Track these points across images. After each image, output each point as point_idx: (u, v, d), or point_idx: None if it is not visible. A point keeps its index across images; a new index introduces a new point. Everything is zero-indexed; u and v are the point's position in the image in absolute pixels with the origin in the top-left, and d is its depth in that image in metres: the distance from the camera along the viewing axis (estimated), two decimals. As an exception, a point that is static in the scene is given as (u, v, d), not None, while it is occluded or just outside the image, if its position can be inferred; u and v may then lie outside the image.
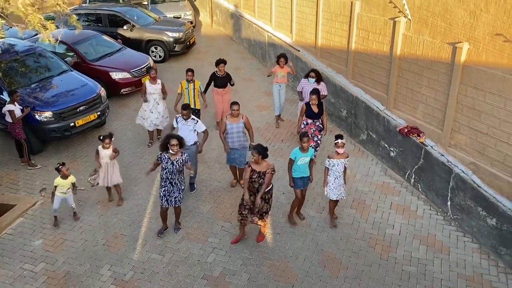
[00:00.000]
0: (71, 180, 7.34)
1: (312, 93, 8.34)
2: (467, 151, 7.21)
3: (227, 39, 17.39)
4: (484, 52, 6.58)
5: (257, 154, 6.35)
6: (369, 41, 9.14)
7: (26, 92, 9.42)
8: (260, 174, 6.44)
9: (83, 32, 12.65)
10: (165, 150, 6.72)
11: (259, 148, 6.39)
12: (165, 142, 6.70)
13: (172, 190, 6.86)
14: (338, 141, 6.87)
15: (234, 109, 7.66)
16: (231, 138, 7.83)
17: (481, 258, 6.70)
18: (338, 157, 6.94)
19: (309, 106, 8.40)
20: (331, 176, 7.01)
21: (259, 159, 6.38)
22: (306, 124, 8.56)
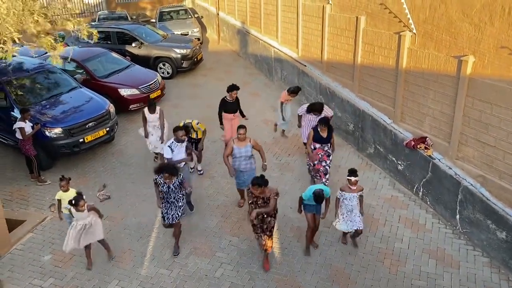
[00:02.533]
0: (74, 194, 6.95)
1: (322, 122, 8.06)
2: (475, 163, 7.18)
3: (234, 55, 17.58)
4: (490, 65, 6.60)
5: (258, 187, 6.20)
6: (375, 55, 9.20)
7: (36, 109, 9.57)
8: (265, 199, 6.39)
9: (93, 50, 12.94)
10: (159, 174, 6.75)
11: (258, 181, 6.20)
12: (158, 172, 6.74)
13: (169, 208, 6.87)
14: (351, 178, 6.61)
15: (241, 133, 7.51)
16: (239, 162, 7.65)
17: (491, 272, 6.62)
18: (351, 191, 6.70)
19: (317, 130, 8.15)
20: (342, 209, 6.77)
21: (263, 190, 6.27)
22: (314, 148, 8.27)
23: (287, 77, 13.13)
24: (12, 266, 7.01)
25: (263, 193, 6.31)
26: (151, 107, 9.26)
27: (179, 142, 7.70)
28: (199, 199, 8.52)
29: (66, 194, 7.00)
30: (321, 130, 8.11)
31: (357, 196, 6.71)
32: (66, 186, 6.98)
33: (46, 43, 8.67)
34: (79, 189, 7.33)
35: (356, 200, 6.70)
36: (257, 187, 6.21)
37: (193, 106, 12.52)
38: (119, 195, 8.68)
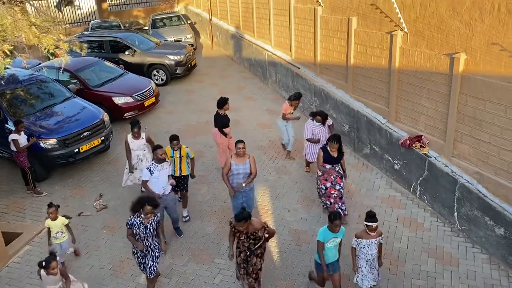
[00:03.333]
0: (62, 222, 6.77)
1: (333, 140, 7.27)
2: (470, 160, 7.18)
3: (228, 59, 17.60)
4: (482, 62, 6.61)
5: (244, 222, 5.55)
6: (367, 56, 9.21)
7: (30, 120, 9.53)
8: (248, 234, 5.67)
9: (86, 59, 12.91)
10: (136, 213, 5.92)
11: (244, 216, 5.53)
12: (138, 206, 5.88)
13: (145, 257, 6.09)
14: (373, 225, 5.63)
15: (240, 148, 6.87)
16: (237, 180, 7.03)
17: (491, 269, 6.60)
18: (369, 237, 5.73)
19: (326, 150, 7.37)
20: (361, 259, 5.79)
21: (248, 225, 5.61)
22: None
23: (281, 80, 13.14)
24: (10, 280, 6.96)
25: (247, 228, 5.65)
26: (134, 129, 8.09)
27: (159, 163, 6.89)
28: (197, 205, 8.49)
29: (54, 222, 6.73)
30: (331, 148, 7.30)
31: (376, 242, 5.75)
32: (54, 213, 6.68)
33: (50, 43, 8.62)
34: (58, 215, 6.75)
35: (375, 247, 5.75)
36: (243, 222, 5.54)
37: (188, 112, 12.51)
38: (116, 204, 8.64)
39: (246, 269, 5.97)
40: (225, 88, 14.31)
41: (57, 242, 6.80)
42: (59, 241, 6.82)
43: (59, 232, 6.80)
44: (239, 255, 5.92)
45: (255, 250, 5.81)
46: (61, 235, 6.83)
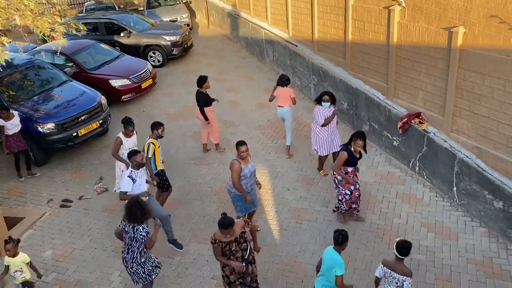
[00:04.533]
0: (23, 260, 5.81)
1: (358, 136, 6.61)
2: (469, 135, 7.17)
3: (225, 38, 17.41)
4: (480, 35, 6.53)
5: (228, 229, 5.13)
6: (365, 32, 9.10)
7: (27, 105, 9.50)
8: (238, 239, 5.33)
9: (81, 42, 12.78)
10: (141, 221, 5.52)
11: (226, 224, 5.10)
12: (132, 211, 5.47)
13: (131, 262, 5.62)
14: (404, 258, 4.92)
15: (243, 151, 6.35)
16: (250, 182, 6.56)
17: (490, 242, 6.67)
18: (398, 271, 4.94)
19: (351, 153, 6.68)
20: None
21: (233, 230, 5.22)
22: (346, 173, 6.84)
23: (279, 59, 13.03)
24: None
25: (234, 234, 5.27)
26: (130, 128, 7.58)
27: (138, 169, 6.45)
28: (197, 186, 8.52)
29: (13, 260, 5.78)
30: (356, 146, 6.60)
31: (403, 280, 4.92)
32: (13, 250, 5.72)
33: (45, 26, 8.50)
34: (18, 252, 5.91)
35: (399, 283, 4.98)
36: (230, 228, 5.12)
37: (186, 93, 12.43)
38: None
39: (244, 283, 5.59)
40: (222, 68, 14.21)
41: (15, 282, 5.91)
42: (17, 282, 5.90)
43: (17, 272, 5.82)
44: (232, 273, 5.48)
45: (248, 257, 5.47)
46: (20, 274, 5.85)
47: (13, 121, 8.64)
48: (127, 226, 5.52)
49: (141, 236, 5.45)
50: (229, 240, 5.25)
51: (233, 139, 9.77)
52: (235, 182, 6.38)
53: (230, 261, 5.32)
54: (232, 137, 9.95)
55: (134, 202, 5.57)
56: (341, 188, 6.92)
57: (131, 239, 5.49)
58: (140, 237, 5.45)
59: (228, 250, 5.29)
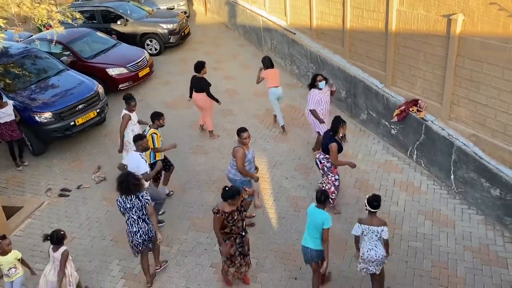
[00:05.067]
0: (15, 256, 5.75)
1: (344, 122, 6.92)
2: (467, 123, 7.17)
3: (222, 26, 17.28)
4: (479, 22, 6.49)
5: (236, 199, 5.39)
6: (364, 19, 9.04)
7: (24, 94, 9.45)
8: (239, 207, 5.53)
9: (78, 30, 12.67)
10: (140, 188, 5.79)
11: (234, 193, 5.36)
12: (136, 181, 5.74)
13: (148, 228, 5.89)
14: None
15: (246, 137, 6.45)
16: (252, 167, 6.74)
17: (486, 229, 6.71)
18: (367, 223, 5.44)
19: (338, 141, 6.90)
20: (363, 247, 5.50)
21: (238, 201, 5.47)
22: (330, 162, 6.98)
23: (277, 47, 12.95)
24: (13, 253, 7.05)
25: (236, 204, 5.48)
26: (132, 103, 7.82)
27: (143, 152, 6.66)
28: (195, 175, 8.53)
29: (6, 258, 5.70)
30: (344, 131, 6.98)
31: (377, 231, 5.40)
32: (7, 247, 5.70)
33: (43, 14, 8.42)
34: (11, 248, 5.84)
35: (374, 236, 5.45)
36: (238, 198, 5.38)
37: (183, 82, 12.31)
38: (114, 175, 8.55)
39: (243, 253, 5.77)
40: (220, 56, 14.13)
41: (9, 280, 5.77)
42: (12, 279, 5.78)
43: (12, 269, 5.74)
44: (235, 241, 5.65)
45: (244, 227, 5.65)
46: (15, 271, 5.78)
47: (5, 110, 8.58)
48: (129, 201, 5.72)
49: (146, 200, 5.74)
50: (232, 210, 5.42)
51: (231, 128, 9.77)
52: (241, 168, 6.45)
53: (222, 242, 5.55)
54: (230, 126, 9.93)
55: (128, 174, 5.83)
56: (330, 174, 7.04)
57: (140, 208, 5.74)
58: (145, 202, 5.74)
59: (231, 219, 5.44)
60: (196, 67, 9.21)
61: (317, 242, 5.48)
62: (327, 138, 6.97)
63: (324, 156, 7.01)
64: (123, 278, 6.45)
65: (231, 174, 6.71)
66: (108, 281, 6.42)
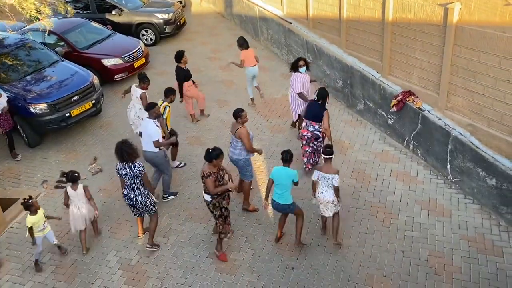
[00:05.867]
0: (42, 212, 6.37)
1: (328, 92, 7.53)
2: (464, 113, 7.17)
3: (218, 16, 17.15)
4: (476, 11, 6.45)
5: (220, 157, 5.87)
6: (360, 8, 8.98)
7: (19, 86, 9.36)
8: (220, 166, 6.07)
9: (72, 20, 12.55)
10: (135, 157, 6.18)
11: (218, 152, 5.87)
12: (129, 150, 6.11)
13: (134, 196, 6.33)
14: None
15: (245, 115, 6.78)
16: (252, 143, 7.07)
17: (482, 219, 6.74)
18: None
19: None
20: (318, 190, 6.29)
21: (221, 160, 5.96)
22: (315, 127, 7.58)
23: (273, 37, 12.87)
24: (10, 245, 7.05)
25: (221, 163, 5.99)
26: (146, 81, 8.51)
27: (155, 119, 7.12)
28: (192, 166, 8.52)
29: (37, 216, 6.25)
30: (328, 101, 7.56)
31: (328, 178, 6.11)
32: (36, 203, 6.26)
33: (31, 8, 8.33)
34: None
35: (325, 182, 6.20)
36: (222, 155, 5.89)
37: (179, 73, 12.30)
38: (111, 167, 8.61)
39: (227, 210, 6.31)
40: (216, 46, 14.04)
41: (43, 234, 6.39)
42: (45, 233, 6.41)
43: (45, 222, 6.38)
44: (228, 198, 6.23)
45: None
46: (47, 224, 6.41)
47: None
48: (123, 168, 6.17)
49: (139, 171, 6.15)
50: (217, 169, 5.93)
51: (228, 119, 9.73)
52: (250, 146, 6.81)
53: (224, 186, 6.00)
54: (227, 117, 9.89)
55: (123, 142, 6.19)
56: (321, 139, 7.63)
57: (132, 178, 6.19)
58: (138, 173, 6.14)
59: (221, 177, 5.97)
60: (175, 57, 9.34)
61: (287, 197, 6.13)
62: (318, 106, 7.45)
63: (318, 125, 7.48)
64: (120, 269, 6.46)
65: (235, 155, 6.94)
66: (106, 272, 6.43)
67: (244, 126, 6.79)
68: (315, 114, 7.41)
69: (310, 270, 6.19)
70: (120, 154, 6.13)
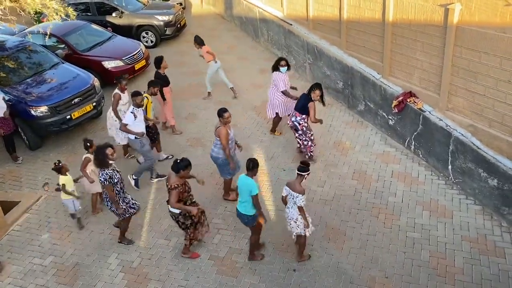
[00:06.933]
0: (70, 177, 7.09)
1: (317, 88, 7.61)
2: (465, 113, 7.16)
3: (218, 18, 17.16)
4: (477, 12, 6.45)
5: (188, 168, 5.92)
6: (360, 9, 8.98)
7: (20, 88, 9.37)
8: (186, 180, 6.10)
9: (72, 23, 12.54)
10: (105, 166, 6.22)
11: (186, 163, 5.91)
12: (101, 156, 6.21)
13: (126, 196, 6.55)
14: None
15: (227, 116, 6.82)
16: (232, 145, 7.14)
17: (484, 219, 6.73)
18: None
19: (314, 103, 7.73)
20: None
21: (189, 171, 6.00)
22: (306, 121, 7.84)
23: (274, 38, 12.88)
24: (11, 247, 7.05)
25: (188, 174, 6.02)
26: (122, 81, 8.47)
27: (138, 107, 7.52)
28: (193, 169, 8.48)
29: (68, 177, 7.02)
30: (315, 97, 7.62)
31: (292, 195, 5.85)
32: (66, 166, 7.05)
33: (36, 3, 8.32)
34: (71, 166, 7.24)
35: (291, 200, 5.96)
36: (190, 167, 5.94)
37: (180, 74, 12.32)
38: (112, 169, 8.64)
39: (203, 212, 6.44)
40: (216, 48, 13.91)
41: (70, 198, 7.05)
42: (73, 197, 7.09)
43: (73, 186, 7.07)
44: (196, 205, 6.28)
45: None
46: (75, 189, 7.13)
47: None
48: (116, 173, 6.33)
49: (100, 180, 6.23)
50: (184, 181, 5.97)
51: (228, 120, 9.74)
52: (226, 146, 6.86)
53: (186, 207, 5.98)
54: (227, 118, 9.89)
55: (98, 149, 6.37)
56: (309, 132, 7.91)
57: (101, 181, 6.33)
58: (101, 180, 6.22)
59: (187, 190, 6.02)
60: (156, 62, 9.28)
61: (247, 207, 5.91)
62: (304, 99, 7.70)
63: (300, 117, 7.73)
64: (121, 272, 6.45)
65: (214, 153, 7.13)
66: (107, 275, 6.42)
67: (225, 125, 6.85)
68: (302, 105, 7.70)
69: (312, 272, 6.18)
70: (96, 161, 6.37)
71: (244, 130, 9.49)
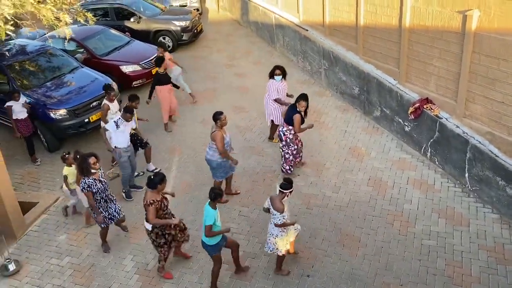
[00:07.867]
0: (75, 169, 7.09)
1: (302, 99, 7.49)
2: (482, 121, 7.08)
3: (235, 23, 17.28)
4: (496, 18, 6.39)
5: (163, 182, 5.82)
6: (377, 16, 8.96)
7: (39, 92, 9.58)
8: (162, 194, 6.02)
9: (91, 28, 12.77)
10: (87, 174, 6.28)
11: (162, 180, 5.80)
12: (84, 165, 6.26)
13: (109, 206, 6.64)
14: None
15: (224, 119, 6.87)
16: (229, 149, 7.21)
17: (501, 228, 6.63)
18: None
19: (301, 114, 7.56)
20: None
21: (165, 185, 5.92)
22: (292, 133, 7.70)
23: (289, 43, 12.91)
24: (29, 248, 7.19)
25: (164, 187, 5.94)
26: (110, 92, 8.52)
27: (126, 121, 7.52)
28: (205, 173, 8.55)
29: (73, 169, 7.16)
30: (300, 108, 7.47)
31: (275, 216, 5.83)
32: (71, 159, 7.23)
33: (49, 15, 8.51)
34: None
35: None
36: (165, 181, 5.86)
37: (196, 79, 12.43)
38: (128, 172, 8.74)
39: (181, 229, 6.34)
40: (232, 53, 14.14)
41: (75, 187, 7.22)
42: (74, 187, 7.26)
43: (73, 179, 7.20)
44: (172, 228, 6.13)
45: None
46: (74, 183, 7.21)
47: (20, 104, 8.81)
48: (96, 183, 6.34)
49: (82, 187, 6.30)
50: (161, 197, 5.89)
51: (243, 125, 9.80)
52: (222, 150, 6.92)
53: (167, 220, 5.93)
54: (243, 123, 9.95)
55: (82, 157, 6.43)
56: (292, 145, 7.78)
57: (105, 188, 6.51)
58: (80, 187, 6.35)
59: (165, 206, 5.92)
60: (156, 61, 9.80)
61: (208, 238, 5.70)
62: (291, 110, 7.63)
63: (287, 128, 7.65)
64: (136, 274, 6.52)
65: (209, 156, 7.19)
66: (122, 277, 6.50)
67: (220, 129, 6.91)
68: (289, 117, 7.64)
69: (326, 278, 6.16)
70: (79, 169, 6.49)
71: (259, 135, 9.53)
